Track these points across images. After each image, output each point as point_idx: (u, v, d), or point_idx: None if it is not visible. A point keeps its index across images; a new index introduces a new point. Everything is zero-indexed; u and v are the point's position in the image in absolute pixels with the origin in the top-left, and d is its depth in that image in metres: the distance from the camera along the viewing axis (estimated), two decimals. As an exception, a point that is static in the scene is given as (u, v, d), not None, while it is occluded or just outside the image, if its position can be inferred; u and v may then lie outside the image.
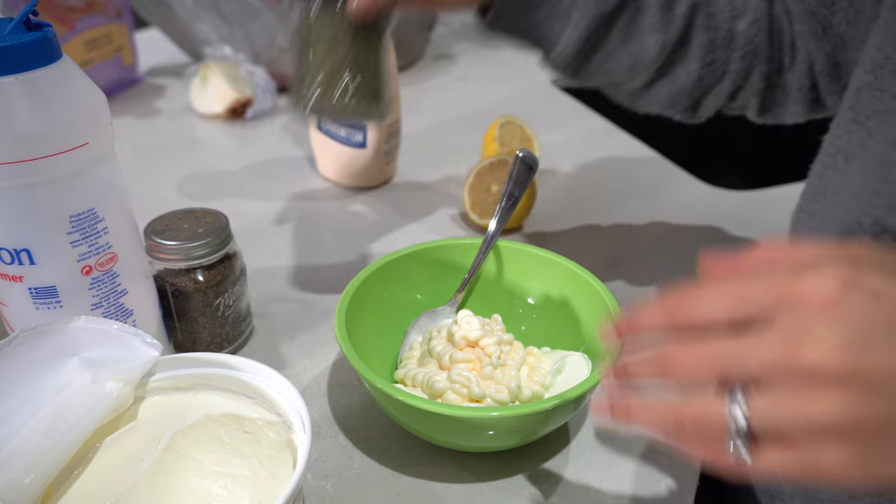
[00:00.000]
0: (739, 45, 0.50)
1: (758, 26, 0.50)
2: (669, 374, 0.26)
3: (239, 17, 0.89)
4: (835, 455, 0.24)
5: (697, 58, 0.50)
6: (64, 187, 0.36)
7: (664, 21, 0.49)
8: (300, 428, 0.34)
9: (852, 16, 0.46)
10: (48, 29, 0.35)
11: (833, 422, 0.23)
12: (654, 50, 0.49)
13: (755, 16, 0.50)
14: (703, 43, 0.50)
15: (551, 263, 0.48)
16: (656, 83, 0.51)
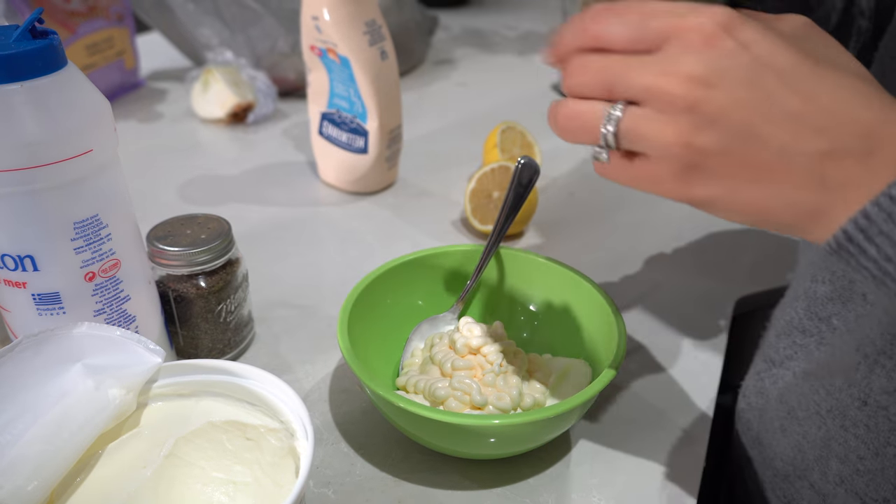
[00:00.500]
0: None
1: None
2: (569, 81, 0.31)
3: (240, 22, 0.90)
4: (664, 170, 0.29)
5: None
6: (68, 194, 0.36)
7: None
8: (302, 435, 0.34)
9: None
10: (53, 37, 0.35)
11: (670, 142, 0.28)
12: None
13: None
14: None
15: (553, 270, 0.48)
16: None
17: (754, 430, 0.46)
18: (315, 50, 0.66)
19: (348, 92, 0.67)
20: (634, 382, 0.49)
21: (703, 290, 0.58)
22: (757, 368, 0.47)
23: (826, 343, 0.39)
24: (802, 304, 0.41)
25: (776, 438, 0.43)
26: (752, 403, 0.46)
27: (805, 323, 0.41)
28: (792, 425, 0.42)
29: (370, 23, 0.64)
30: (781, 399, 0.43)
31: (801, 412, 0.41)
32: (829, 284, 0.39)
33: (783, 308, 0.44)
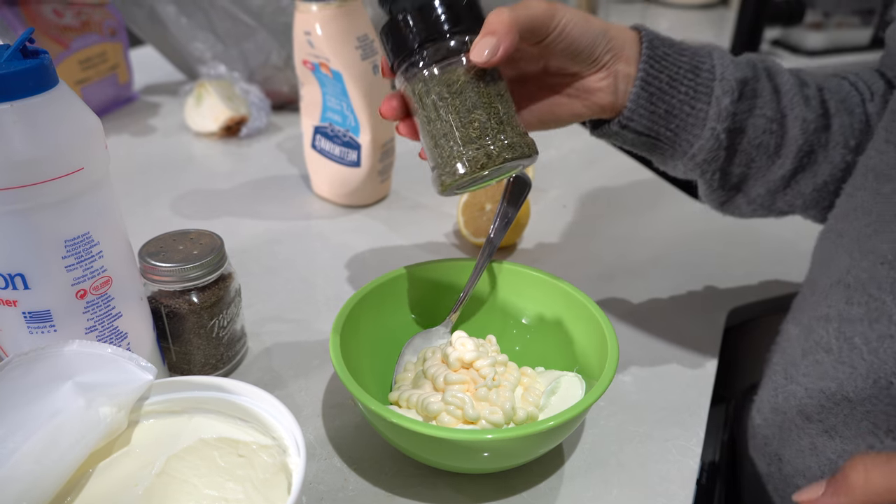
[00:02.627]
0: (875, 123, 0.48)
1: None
2: None
3: (234, 36, 0.90)
4: None
5: (840, 143, 0.47)
6: (59, 212, 0.36)
7: (803, 96, 0.46)
8: (295, 451, 0.34)
9: None
10: (44, 56, 0.35)
11: None
12: (797, 129, 0.46)
13: (883, 98, 0.48)
14: (842, 126, 0.47)
15: (545, 284, 0.48)
16: (798, 176, 0.47)
17: (773, 447, 0.45)
18: (308, 64, 0.67)
19: (341, 106, 0.67)
20: (627, 395, 0.49)
21: (695, 301, 0.59)
22: (773, 384, 0.46)
23: (845, 362, 0.39)
24: (835, 325, 0.40)
25: (802, 456, 0.43)
26: (769, 420, 0.46)
27: (832, 343, 0.40)
28: (825, 442, 0.41)
29: (362, 37, 0.64)
30: (806, 416, 0.42)
31: (836, 430, 0.40)
32: (864, 307, 0.38)
33: (810, 328, 0.43)
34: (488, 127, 0.39)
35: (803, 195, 0.49)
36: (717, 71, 0.44)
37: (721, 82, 0.44)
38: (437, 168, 0.41)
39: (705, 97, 0.44)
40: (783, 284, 0.62)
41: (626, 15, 1.45)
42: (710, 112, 0.44)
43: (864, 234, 0.40)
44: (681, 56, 0.44)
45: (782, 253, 0.66)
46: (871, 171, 0.41)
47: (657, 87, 0.44)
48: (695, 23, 1.41)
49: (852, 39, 1.22)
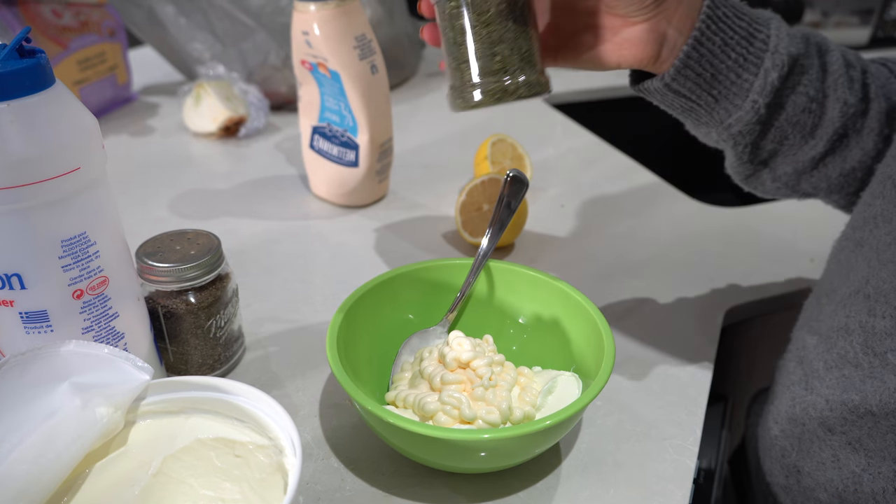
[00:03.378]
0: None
1: None
2: None
3: (232, 36, 0.90)
4: None
5: (874, 130, 0.46)
6: (55, 212, 0.36)
7: (848, 78, 0.45)
8: (291, 452, 0.34)
9: None
10: (41, 55, 0.35)
11: None
12: (836, 111, 0.45)
13: None
14: (879, 112, 0.46)
15: (542, 283, 0.48)
16: (828, 158, 0.47)
17: (791, 458, 0.45)
18: (306, 64, 0.67)
19: (339, 106, 0.67)
20: (624, 394, 0.49)
21: (692, 301, 0.59)
22: (791, 394, 0.45)
23: (875, 377, 0.39)
24: (859, 338, 0.40)
25: (823, 469, 0.42)
26: (787, 431, 0.45)
27: (860, 357, 0.40)
28: (848, 455, 0.41)
29: (360, 37, 0.64)
30: (829, 428, 0.42)
31: (861, 443, 0.40)
32: (891, 319, 0.38)
33: (830, 339, 0.42)
34: (510, 62, 0.41)
35: (829, 178, 0.48)
36: (772, 42, 0.42)
37: (773, 55, 0.42)
38: (455, 89, 0.43)
39: (754, 67, 0.43)
40: (780, 284, 0.62)
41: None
42: (755, 84, 0.43)
43: (883, 244, 0.39)
44: (739, 20, 0.42)
45: (780, 253, 0.66)
46: (890, 180, 0.40)
47: (709, 48, 0.42)
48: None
49: (851, 38, 1.22)
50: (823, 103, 0.45)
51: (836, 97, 0.45)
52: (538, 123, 0.94)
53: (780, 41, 0.43)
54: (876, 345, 0.38)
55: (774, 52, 0.42)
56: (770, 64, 0.42)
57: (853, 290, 0.41)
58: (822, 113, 0.45)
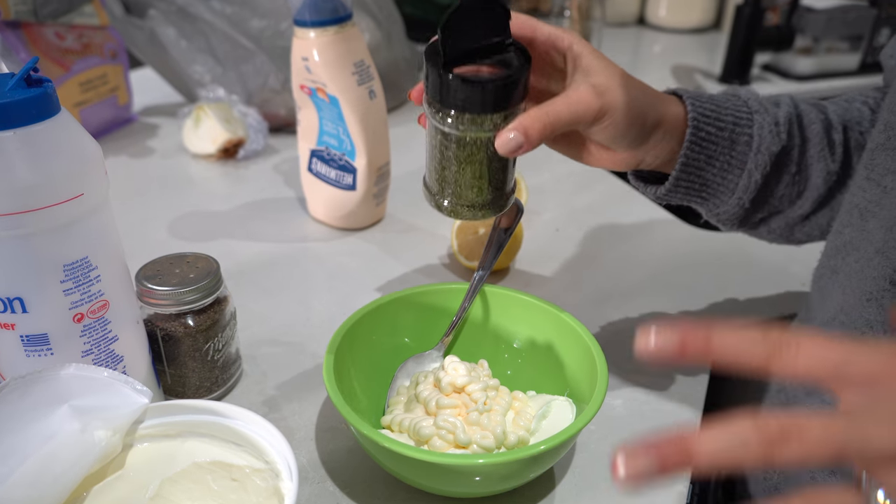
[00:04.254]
0: None
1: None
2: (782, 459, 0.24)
3: (233, 59, 0.91)
4: None
5: None
6: (58, 237, 0.37)
7: (829, 145, 0.48)
8: (287, 476, 0.35)
9: None
10: (48, 84, 0.36)
11: None
12: (819, 178, 0.48)
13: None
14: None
15: (536, 308, 0.49)
16: (818, 212, 0.50)
17: (773, 480, 0.45)
18: (305, 89, 0.68)
19: (337, 130, 0.68)
20: (618, 418, 0.49)
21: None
22: None
23: None
24: None
25: (801, 490, 0.43)
26: None
27: None
28: (826, 478, 0.41)
29: (359, 63, 0.65)
30: None
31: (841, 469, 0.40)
32: None
33: None
34: (484, 192, 0.42)
35: (821, 227, 0.50)
36: (755, 143, 0.45)
37: (756, 155, 0.45)
38: (427, 187, 0.44)
39: (738, 170, 0.45)
40: (774, 308, 0.62)
41: (620, 38, 1.47)
42: (739, 184, 0.46)
43: (853, 271, 0.40)
44: (721, 132, 0.45)
45: (773, 277, 0.67)
46: (857, 209, 0.41)
47: (695, 166, 0.45)
48: (687, 47, 1.43)
49: (841, 64, 1.24)
50: (808, 174, 0.48)
51: (819, 168, 0.47)
52: (534, 147, 0.95)
53: (763, 140, 0.45)
54: None
55: (757, 153, 0.45)
56: (753, 165, 0.45)
57: (829, 317, 0.42)
58: (806, 181, 0.48)
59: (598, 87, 0.40)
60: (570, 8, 1.09)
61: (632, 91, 0.41)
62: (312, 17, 0.63)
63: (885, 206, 0.39)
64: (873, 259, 0.38)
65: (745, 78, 1.20)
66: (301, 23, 0.63)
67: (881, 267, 0.38)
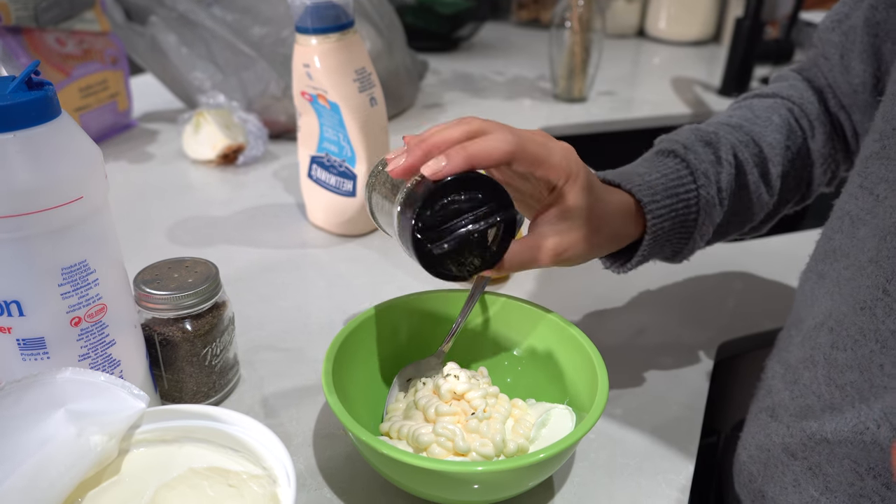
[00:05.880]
0: (818, 161, 0.55)
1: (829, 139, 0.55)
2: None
3: (233, 66, 0.91)
4: None
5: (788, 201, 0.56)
6: (57, 240, 0.37)
7: (766, 189, 0.53)
8: (285, 482, 0.34)
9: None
10: (49, 88, 0.36)
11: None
12: (758, 214, 0.54)
13: (825, 130, 0.54)
14: (789, 192, 0.55)
15: (536, 316, 0.48)
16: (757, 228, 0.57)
17: (757, 483, 0.45)
18: (306, 95, 0.68)
19: (337, 136, 0.68)
20: (617, 427, 0.49)
21: (686, 335, 0.59)
22: (760, 422, 0.46)
23: (835, 408, 0.39)
24: (823, 370, 0.41)
25: (785, 493, 0.43)
26: (755, 456, 0.46)
27: (822, 389, 0.40)
28: (808, 479, 0.41)
29: (360, 70, 0.65)
30: (791, 453, 0.42)
31: (820, 468, 0.40)
32: (851, 352, 0.39)
33: (797, 370, 0.43)
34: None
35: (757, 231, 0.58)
36: (700, 218, 0.50)
37: (701, 227, 0.50)
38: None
39: (684, 240, 0.51)
40: (772, 319, 0.62)
41: (620, 51, 1.48)
42: (684, 250, 0.52)
43: (843, 278, 0.41)
44: (673, 221, 0.49)
45: (772, 288, 0.67)
46: (847, 216, 0.42)
47: (648, 255, 0.50)
48: (686, 59, 1.44)
49: (840, 77, 1.25)
50: (746, 217, 0.54)
51: (757, 207, 0.54)
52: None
53: (707, 215, 0.50)
54: (837, 377, 0.39)
55: (702, 226, 0.50)
56: (698, 236, 0.51)
57: (818, 322, 0.42)
58: (745, 222, 0.55)
59: (559, 246, 0.44)
60: (571, 19, 1.10)
61: (593, 239, 0.45)
62: (314, 23, 0.63)
63: (878, 214, 0.39)
64: (866, 268, 0.38)
65: (744, 91, 1.21)
66: (303, 29, 0.63)
67: (874, 276, 0.37)
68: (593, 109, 1.13)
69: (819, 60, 0.55)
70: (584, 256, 0.46)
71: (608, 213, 0.46)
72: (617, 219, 0.47)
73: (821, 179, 0.56)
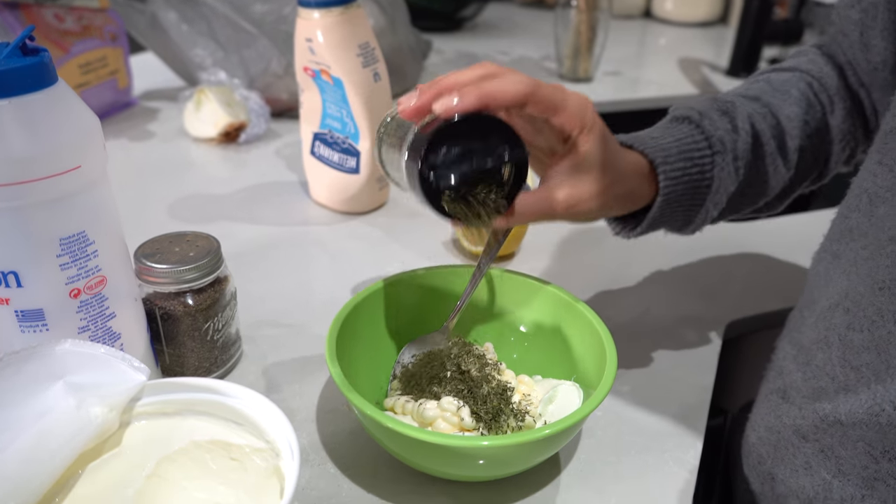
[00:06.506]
0: (837, 137, 0.53)
1: (849, 115, 0.54)
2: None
3: (235, 43, 0.90)
4: None
5: (803, 179, 0.55)
6: (55, 210, 0.36)
7: (783, 161, 0.51)
8: (288, 455, 0.34)
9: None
10: (44, 54, 0.35)
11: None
12: (774, 187, 0.52)
13: (844, 105, 0.53)
14: (807, 169, 0.54)
15: (543, 291, 0.48)
16: (772, 204, 0.55)
17: (766, 465, 0.45)
18: (308, 71, 0.67)
19: (341, 113, 0.67)
20: (624, 405, 0.48)
21: (693, 313, 0.58)
22: (770, 403, 0.46)
23: (850, 390, 0.39)
24: (837, 351, 0.40)
25: (795, 475, 0.42)
26: (764, 438, 0.45)
27: (837, 370, 0.40)
28: (820, 462, 0.41)
29: (364, 45, 0.64)
30: (802, 435, 0.42)
31: (832, 450, 0.40)
32: (868, 333, 0.38)
33: (810, 352, 0.43)
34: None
35: (773, 208, 0.56)
36: (714, 185, 0.48)
37: (714, 196, 0.48)
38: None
39: (697, 208, 0.49)
40: (781, 299, 0.61)
41: (626, 31, 1.46)
42: (696, 219, 0.50)
43: (860, 258, 0.40)
44: (687, 185, 0.47)
45: (780, 267, 0.66)
46: (865, 194, 0.41)
47: (659, 219, 0.48)
48: (693, 40, 1.42)
49: (849, 58, 1.24)
50: (762, 189, 0.52)
51: (774, 181, 0.52)
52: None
53: (722, 183, 0.48)
54: (853, 358, 0.38)
55: (716, 194, 0.48)
56: (711, 204, 0.49)
57: (833, 302, 0.41)
58: (761, 194, 0.52)
59: (571, 198, 0.42)
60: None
61: (606, 194, 0.44)
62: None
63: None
64: (886, 247, 0.37)
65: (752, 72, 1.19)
66: (305, 3, 0.62)
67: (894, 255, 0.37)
68: (599, 89, 1.12)
69: (838, 37, 0.54)
70: (597, 212, 0.44)
71: (622, 170, 0.45)
72: (631, 177, 0.46)
73: (839, 156, 0.54)
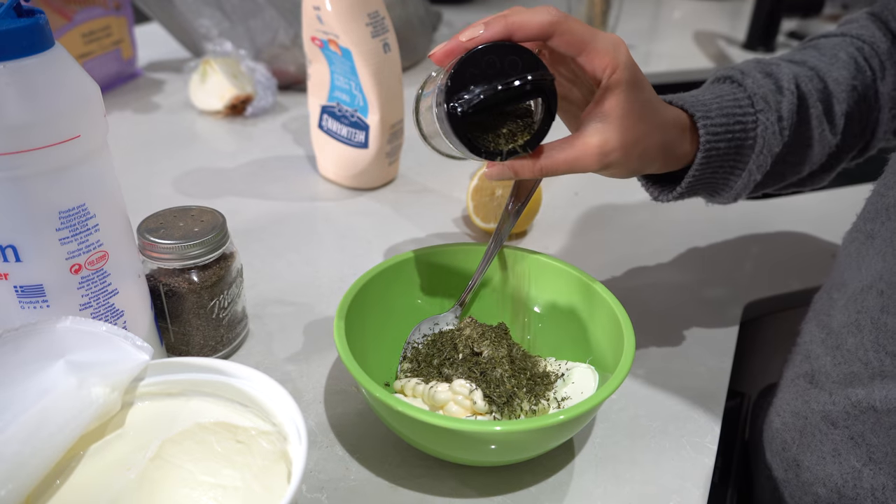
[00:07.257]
0: (886, 105, 0.51)
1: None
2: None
3: (241, 13, 0.88)
4: None
5: (850, 148, 0.52)
6: (53, 181, 0.34)
7: (829, 126, 0.49)
8: (296, 439, 0.33)
9: None
10: (40, 16, 0.33)
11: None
12: (820, 154, 0.49)
13: (893, 64, 0.50)
14: (853, 136, 0.51)
15: (559, 271, 0.46)
16: (816, 175, 0.52)
17: (791, 452, 0.44)
18: (316, 41, 0.65)
19: (349, 85, 0.65)
20: (640, 389, 0.47)
21: (710, 295, 0.57)
22: (796, 387, 0.44)
23: (886, 376, 0.37)
24: (870, 335, 0.38)
25: (823, 463, 0.41)
26: (789, 423, 0.44)
27: (870, 355, 0.38)
28: (849, 449, 0.40)
29: (373, 14, 0.62)
30: (832, 422, 0.41)
31: (863, 437, 0.39)
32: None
33: (840, 335, 0.41)
34: None
35: (817, 182, 0.53)
36: (758, 145, 0.44)
37: (758, 157, 0.45)
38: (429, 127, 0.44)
39: (739, 170, 0.45)
40: (801, 279, 0.60)
41: (640, 4, 1.42)
42: (738, 182, 0.46)
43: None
44: (729, 143, 0.44)
45: (800, 247, 0.64)
46: None
47: (700, 179, 0.45)
48: (709, 13, 1.39)
49: (871, 33, 1.20)
50: (806, 154, 0.49)
51: (819, 146, 0.48)
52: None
53: (766, 142, 0.44)
54: (888, 343, 0.37)
55: (759, 155, 0.45)
56: (754, 166, 0.45)
57: (865, 284, 0.40)
58: (806, 160, 0.49)
59: (605, 145, 0.39)
60: (592, -33, 1.05)
61: (642, 144, 0.40)
62: (325, -38, 0.59)
63: None
64: None
65: (770, 45, 1.16)
66: (313, -31, 0.60)
67: None
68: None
69: (891, 3, 0.51)
70: (632, 165, 0.41)
71: (660, 120, 0.42)
72: (670, 129, 0.42)
73: (887, 126, 0.51)
